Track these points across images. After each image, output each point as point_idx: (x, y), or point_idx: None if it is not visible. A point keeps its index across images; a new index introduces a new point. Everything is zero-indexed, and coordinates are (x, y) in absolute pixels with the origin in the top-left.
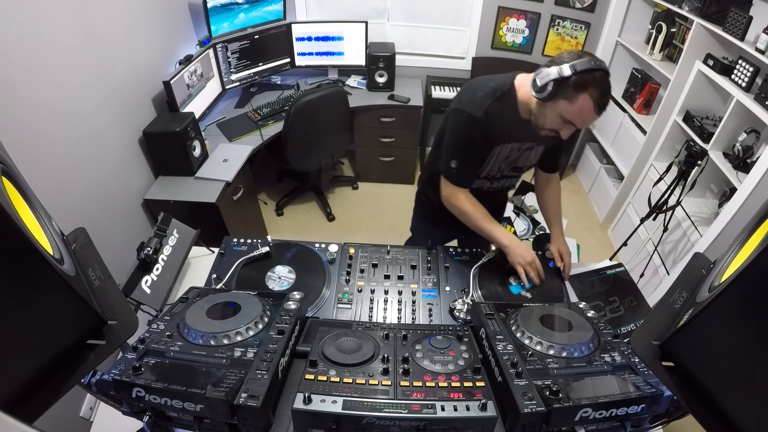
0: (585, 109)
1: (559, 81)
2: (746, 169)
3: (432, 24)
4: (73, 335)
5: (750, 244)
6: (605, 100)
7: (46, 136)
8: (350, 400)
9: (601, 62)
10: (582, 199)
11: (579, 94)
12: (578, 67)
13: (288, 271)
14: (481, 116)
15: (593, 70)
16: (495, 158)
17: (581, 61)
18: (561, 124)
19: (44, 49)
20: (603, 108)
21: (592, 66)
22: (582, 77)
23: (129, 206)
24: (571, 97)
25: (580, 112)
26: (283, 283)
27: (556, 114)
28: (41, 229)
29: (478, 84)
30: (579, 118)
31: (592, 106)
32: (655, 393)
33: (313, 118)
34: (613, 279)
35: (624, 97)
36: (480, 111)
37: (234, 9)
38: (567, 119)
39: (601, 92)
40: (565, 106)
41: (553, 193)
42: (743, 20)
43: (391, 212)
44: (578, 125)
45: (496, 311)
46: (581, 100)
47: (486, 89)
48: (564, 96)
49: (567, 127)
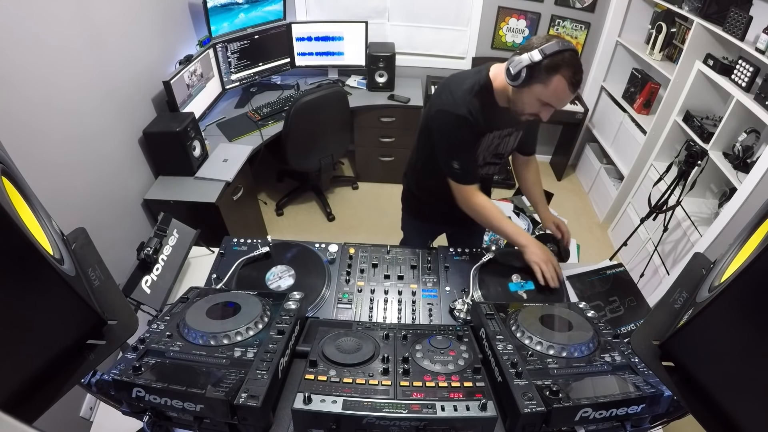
0: (560, 89)
1: (531, 66)
2: (746, 169)
3: (432, 24)
4: (73, 335)
5: (750, 244)
6: (578, 78)
7: (46, 136)
8: (350, 400)
9: (568, 43)
10: (582, 199)
11: (552, 76)
12: (547, 51)
13: (288, 271)
14: (466, 113)
15: (562, 51)
16: (480, 148)
17: (549, 45)
18: (539, 107)
19: (44, 48)
20: (577, 86)
21: (560, 48)
22: (552, 59)
23: (129, 206)
24: (545, 80)
25: (556, 93)
26: (283, 283)
27: (533, 98)
28: (41, 229)
29: (454, 82)
30: (555, 99)
31: (566, 85)
32: (655, 393)
33: (313, 118)
34: (613, 279)
35: (624, 97)
36: (464, 108)
37: (234, 9)
38: (544, 101)
39: (572, 71)
40: (540, 90)
41: (533, 175)
42: (743, 20)
43: (391, 212)
44: (556, 106)
45: (496, 311)
46: (555, 81)
47: (464, 86)
48: (538, 80)
49: (545, 109)
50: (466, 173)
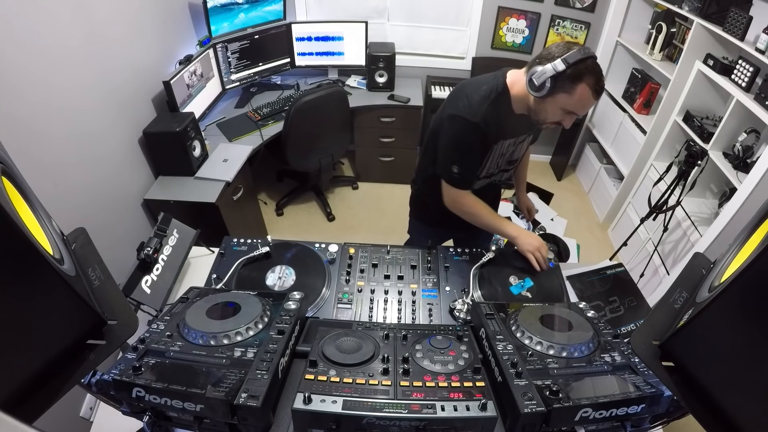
0: (584, 97)
1: (555, 77)
2: (746, 169)
3: (432, 24)
4: (73, 335)
5: (750, 244)
6: (601, 85)
7: (46, 136)
8: (350, 400)
9: (588, 50)
10: (582, 199)
11: (576, 85)
12: (570, 60)
13: (288, 271)
14: (479, 121)
15: (584, 60)
16: (493, 156)
17: (571, 53)
18: (563, 116)
19: (44, 48)
20: (600, 93)
21: (582, 56)
22: (576, 68)
23: (129, 206)
24: (569, 89)
25: (581, 101)
26: (283, 283)
27: (557, 107)
28: (41, 229)
29: (470, 87)
30: (580, 106)
31: (590, 93)
32: (655, 393)
33: (313, 118)
34: (613, 279)
35: (624, 97)
36: (478, 116)
37: (234, 9)
38: (569, 110)
39: (596, 78)
40: (564, 99)
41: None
42: (743, 20)
43: (391, 212)
44: (579, 113)
45: (496, 311)
46: (579, 89)
47: (480, 92)
48: (562, 89)
49: (569, 117)
50: (464, 179)
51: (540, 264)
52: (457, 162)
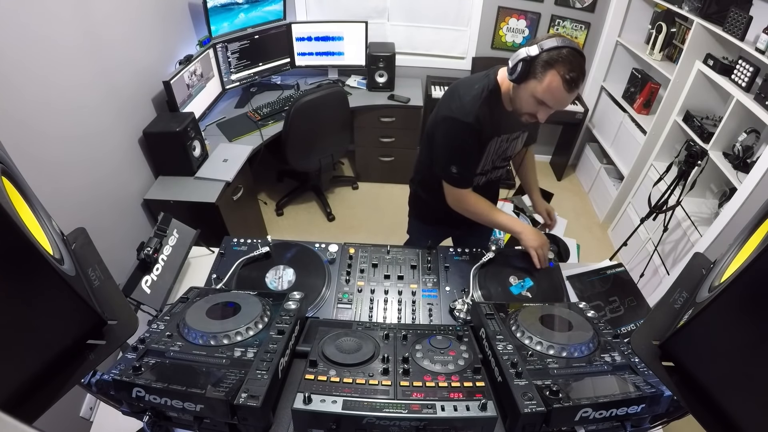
0: (553, 85)
1: (527, 60)
2: (746, 169)
3: (432, 24)
4: (73, 335)
5: (750, 244)
6: (574, 76)
7: (46, 136)
8: (350, 400)
9: (570, 42)
10: (582, 199)
11: (547, 72)
12: (545, 46)
13: (288, 271)
14: (472, 121)
15: (560, 48)
16: (487, 153)
17: (548, 40)
18: (535, 106)
19: (44, 47)
20: (572, 84)
21: (558, 44)
22: (549, 54)
23: (129, 206)
24: (539, 76)
25: (549, 89)
26: (283, 283)
27: (529, 95)
28: (41, 229)
29: (463, 88)
30: (550, 96)
31: (561, 82)
32: (655, 393)
33: (313, 118)
34: (613, 279)
35: (624, 97)
36: (471, 116)
37: (234, 9)
38: (539, 99)
39: (568, 68)
40: (535, 86)
41: (529, 162)
42: (743, 20)
43: (391, 212)
44: (550, 104)
45: (496, 311)
46: (549, 76)
47: (472, 92)
48: (533, 75)
49: (542, 109)
50: (463, 178)
51: (540, 261)
52: (455, 162)
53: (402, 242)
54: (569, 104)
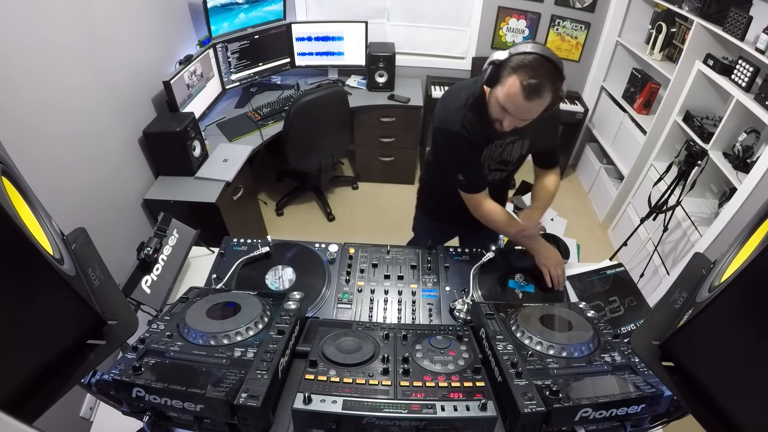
0: (512, 91)
1: (496, 64)
2: (746, 169)
3: (432, 24)
4: (73, 335)
5: (750, 244)
6: (533, 83)
7: (46, 135)
8: (350, 400)
9: (544, 49)
10: (582, 199)
11: (509, 77)
12: (513, 51)
13: (288, 271)
14: (459, 129)
15: (527, 53)
16: (485, 158)
17: (519, 46)
18: (500, 112)
19: (44, 47)
20: (531, 91)
21: (528, 50)
22: (514, 59)
23: (129, 206)
24: (503, 81)
25: (508, 95)
26: (283, 283)
27: (495, 100)
28: (41, 229)
29: (450, 96)
30: (509, 103)
31: (519, 88)
32: (655, 393)
33: (313, 118)
34: (613, 279)
35: (624, 97)
36: (456, 125)
37: (234, 9)
38: (501, 104)
39: (529, 74)
40: (498, 91)
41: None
42: (743, 20)
43: (391, 212)
44: (510, 111)
45: (496, 311)
46: (509, 82)
47: (458, 100)
48: (499, 80)
49: (507, 117)
50: (472, 183)
51: (552, 281)
52: (458, 170)
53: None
54: (533, 115)
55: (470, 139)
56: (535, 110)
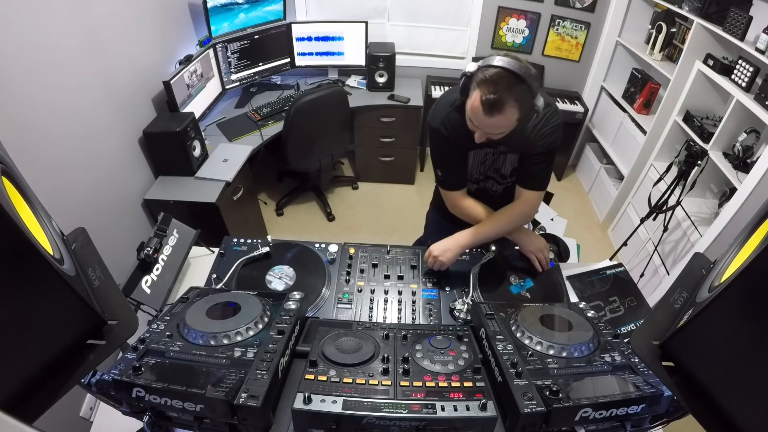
0: (475, 105)
1: (468, 76)
2: (746, 169)
3: (432, 24)
4: (73, 335)
5: (750, 244)
6: (491, 99)
7: (47, 135)
8: (350, 400)
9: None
10: (582, 199)
11: (474, 91)
12: (482, 64)
13: (288, 271)
14: (439, 126)
15: (491, 67)
16: (473, 162)
17: (489, 58)
18: (471, 125)
19: (44, 46)
20: (490, 107)
21: (492, 63)
22: (480, 73)
23: (129, 206)
24: (470, 94)
25: (472, 108)
26: (283, 283)
27: (466, 112)
28: (41, 229)
29: (444, 96)
30: (473, 116)
31: (479, 102)
32: (655, 393)
33: (313, 118)
34: (613, 279)
35: (624, 97)
36: (437, 121)
37: (234, 9)
38: (469, 117)
39: (489, 89)
40: (467, 103)
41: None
42: (743, 20)
43: (391, 212)
44: (476, 124)
45: (496, 311)
46: (474, 96)
47: (448, 100)
48: (468, 93)
49: (478, 130)
50: (448, 181)
51: (542, 264)
52: (437, 166)
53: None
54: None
55: (448, 137)
56: (499, 125)
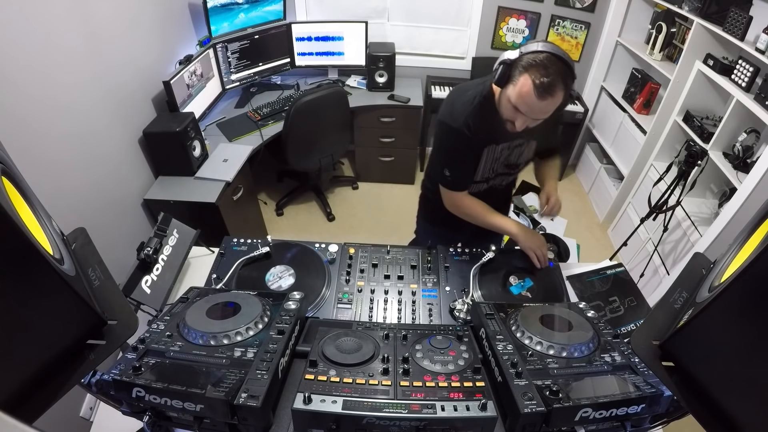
0: (524, 91)
1: (507, 64)
2: (746, 169)
3: (432, 24)
4: (73, 335)
5: (750, 244)
6: (545, 81)
7: (47, 135)
8: (350, 400)
9: (554, 47)
10: (582, 199)
11: (521, 76)
12: (524, 50)
13: (288, 271)
14: (461, 126)
15: (539, 52)
16: (485, 160)
17: (532, 44)
18: (513, 112)
19: (43, 46)
20: (543, 90)
21: (539, 48)
22: (526, 58)
23: (129, 206)
24: (514, 80)
25: (521, 94)
26: (283, 283)
27: (507, 100)
28: (41, 229)
29: (457, 93)
30: (522, 102)
31: (531, 87)
32: (655, 393)
33: (313, 118)
34: (613, 279)
35: (624, 97)
36: (459, 122)
37: (234, 9)
38: (513, 104)
39: (542, 73)
40: (510, 91)
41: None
42: (743, 20)
43: (391, 212)
44: (523, 110)
45: (496, 311)
46: (521, 81)
47: (464, 98)
48: (511, 80)
49: (519, 116)
50: (456, 182)
51: (540, 262)
52: (447, 166)
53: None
54: (546, 114)
55: (470, 137)
56: (547, 109)
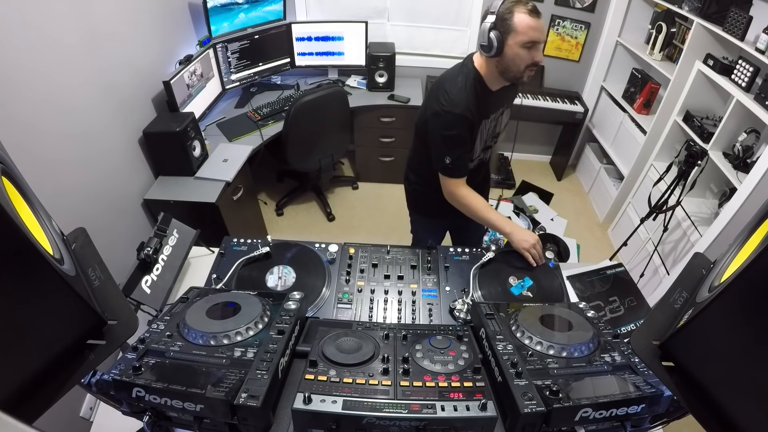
0: (526, 22)
1: (494, 26)
2: (746, 169)
3: (432, 24)
4: (73, 335)
5: (750, 244)
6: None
7: (47, 135)
8: (350, 400)
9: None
10: (582, 199)
11: (513, 19)
12: (495, 8)
13: (288, 271)
14: (464, 111)
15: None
16: (480, 138)
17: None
18: (528, 52)
19: (43, 45)
20: (534, 11)
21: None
22: (504, 8)
23: (129, 206)
24: (511, 29)
25: (528, 28)
26: (283, 283)
27: (517, 51)
28: (41, 229)
29: (447, 83)
30: (532, 32)
31: (527, 16)
32: (655, 393)
33: (313, 118)
34: (613, 279)
35: (624, 97)
36: (461, 107)
37: (234, 9)
38: (526, 43)
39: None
40: (515, 38)
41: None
42: (743, 20)
43: (391, 212)
44: (535, 38)
45: (496, 311)
46: (517, 20)
47: (457, 84)
48: (507, 33)
49: (534, 49)
50: (457, 168)
51: (535, 260)
52: (449, 153)
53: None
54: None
55: (472, 120)
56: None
